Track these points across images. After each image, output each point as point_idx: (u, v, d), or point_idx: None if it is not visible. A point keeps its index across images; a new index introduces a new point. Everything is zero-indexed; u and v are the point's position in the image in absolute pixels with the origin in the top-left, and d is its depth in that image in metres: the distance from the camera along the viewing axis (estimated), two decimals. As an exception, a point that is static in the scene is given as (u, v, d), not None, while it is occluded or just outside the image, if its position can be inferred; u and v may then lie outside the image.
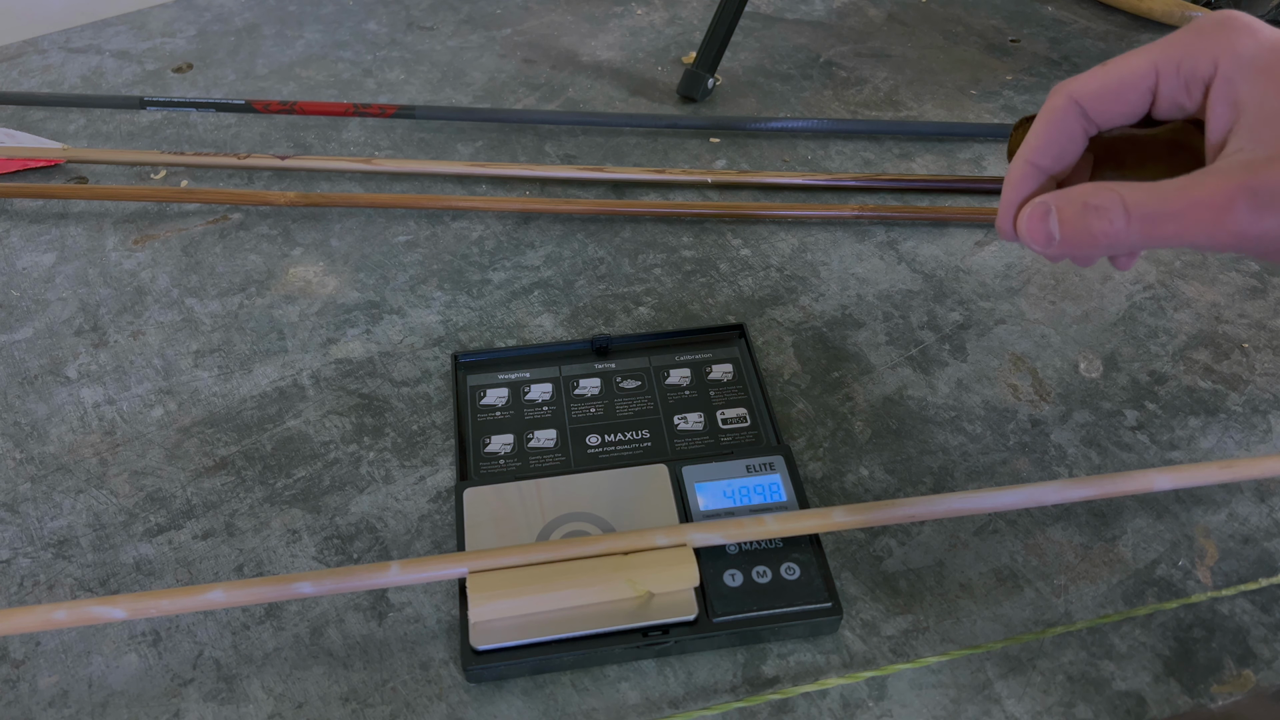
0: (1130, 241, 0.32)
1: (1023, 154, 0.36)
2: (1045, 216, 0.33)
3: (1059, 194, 0.33)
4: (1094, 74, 0.34)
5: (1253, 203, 0.30)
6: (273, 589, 0.33)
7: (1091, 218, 0.32)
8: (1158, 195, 0.32)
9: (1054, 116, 0.35)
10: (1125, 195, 0.32)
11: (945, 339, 0.45)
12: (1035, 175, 0.35)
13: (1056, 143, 0.35)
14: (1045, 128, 0.35)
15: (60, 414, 0.43)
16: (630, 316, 0.47)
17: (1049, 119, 0.35)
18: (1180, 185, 0.31)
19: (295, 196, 0.48)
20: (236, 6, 0.72)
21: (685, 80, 0.61)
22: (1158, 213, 0.32)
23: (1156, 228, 0.32)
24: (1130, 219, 0.32)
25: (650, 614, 0.33)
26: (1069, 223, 0.33)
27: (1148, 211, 0.32)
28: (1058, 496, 0.35)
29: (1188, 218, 0.31)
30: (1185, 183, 0.31)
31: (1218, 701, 0.33)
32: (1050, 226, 0.33)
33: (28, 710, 0.33)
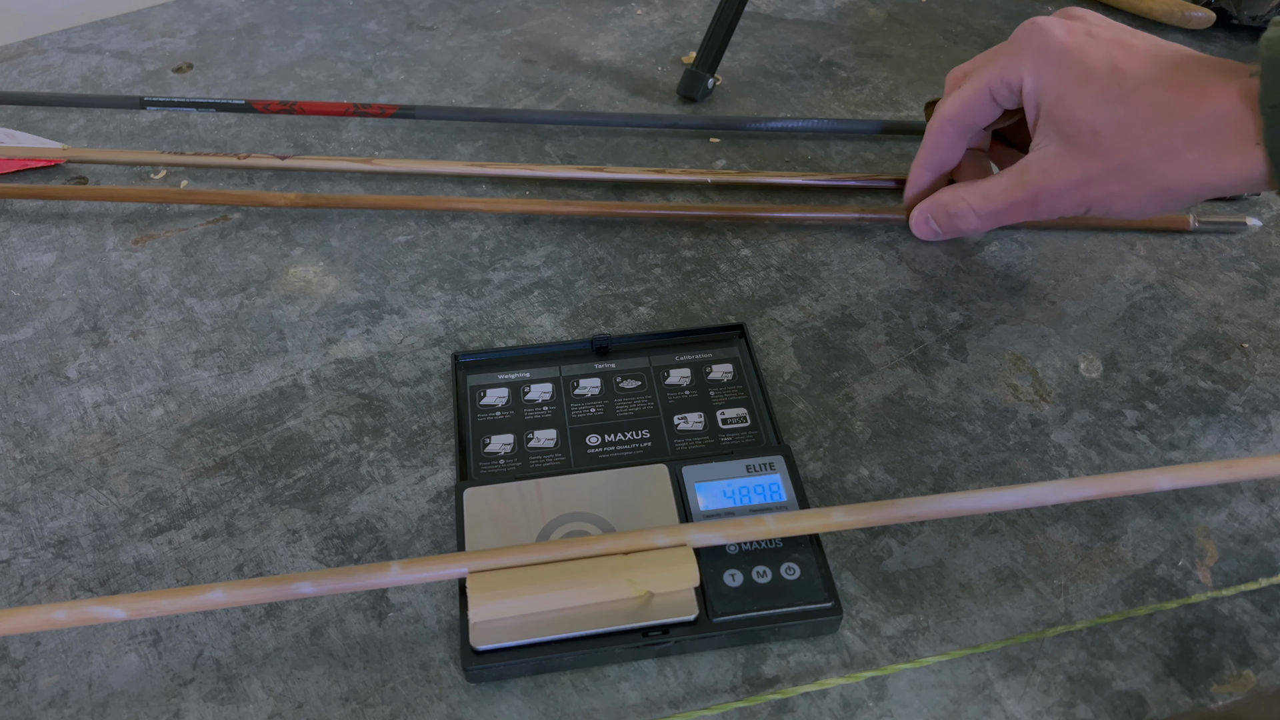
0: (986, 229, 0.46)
1: (917, 161, 0.46)
2: (926, 221, 0.47)
3: (931, 202, 0.46)
4: (954, 99, 0.43)
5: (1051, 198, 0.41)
6: (273, 589, 0.33)
7: (955, 220, 0.45)
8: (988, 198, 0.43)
9: (932, 135, 0.45)
10: (973, 204, 0.44)
11: (945, 339, 0.45)
12: (927, 177, 0.47)
13: (938, 152, 0.45)
14: (927, 142, 0.45)
15: (60, 414, 0.43)
16: (630, 316, 0.47)
17: (930, 135, 0.45)
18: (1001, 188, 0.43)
19: (295, 198, 0.48)
20: (236, 6, 0.72)
21: (685, 80, 0.61)
22: (994, 211, 0.43)
23: (998, 220, 0.44)
24: (980, 218, 0.44)
25: (650, 614, 0.33)
26: (941, 224, 0.46)
27: (989, 210, 0.44)
28: (1058, 496, 0.35)
29: (1015, 212, 0.43)
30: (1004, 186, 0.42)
31: (1218, 701, 0.33)
32: (931, 226, 0.47)
33: (28, 710, 0.33)
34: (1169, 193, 0.39)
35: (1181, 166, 0.37)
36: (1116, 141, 0.38)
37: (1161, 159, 0.37)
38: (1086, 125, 0.38)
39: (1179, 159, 0.37)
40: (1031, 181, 0.41)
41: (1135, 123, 0.37)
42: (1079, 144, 0.39)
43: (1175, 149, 0.37)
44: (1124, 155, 0.38)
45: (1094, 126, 0.38)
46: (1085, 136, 0.39)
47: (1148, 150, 0.37)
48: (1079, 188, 0.40)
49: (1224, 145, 0.36)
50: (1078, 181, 0.40)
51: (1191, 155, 0.37)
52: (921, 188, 0.47)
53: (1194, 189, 0.38)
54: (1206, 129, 0.36)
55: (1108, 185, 0.39)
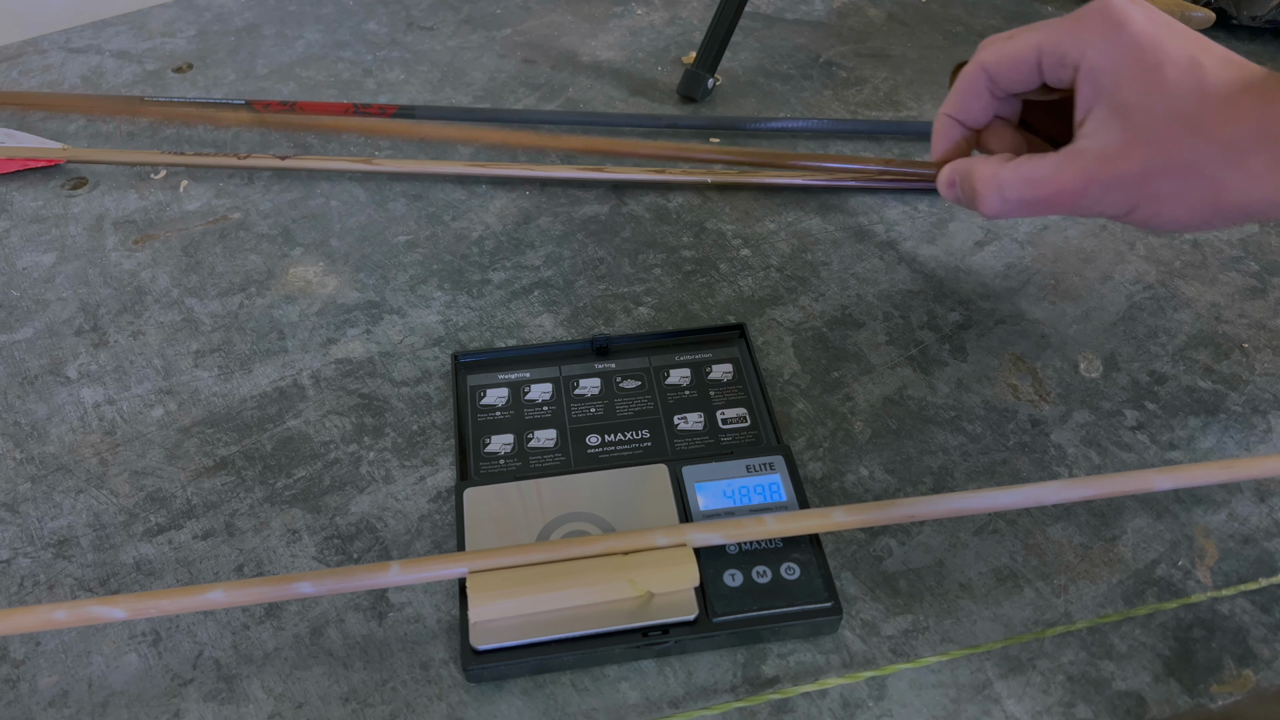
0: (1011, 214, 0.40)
1: (943, 108, 0.43)
2: (953, 183, 0.42)
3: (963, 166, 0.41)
4: (998, 44, 0.40)
5: (1102, 189, 0.37)
6: (273, 589, 0.33)
7: (976, 198, 0.40)
8: (1029, 184, 0.38)
9: (966, 79, 0.41)
10: (1003, 183, 0.39)
11: (945, 339, 0.45)
12: (953, 127, 0.43)
13: (966, 99, 0.41)
14: (959, 88, 0.41)
15: (60, 414, 0.43)
16: (630, 316, 0.47)
17: (963, 80, 0.41)
18: (1048, 173, 0.38)
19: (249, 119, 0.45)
20: (236, 6, 0.72)
21: (685, 80, 0.61)
22: (1028, 199, 0.39)
23: (1028, 209, 0.39)
24: (1005, 203, 0.39)
25: (650, 614, 0.33)
26: (965, 194, 0.41)
27: (1021, 197, 0.39)
28: (1058, 496, 0.35)
29: (1053, 201, 0.38)
30: (1051, 170, 0.38)
31: (1218, 701, 0.33)
32: (956, 191, 0.42)
33: (28, 710, 0.33)
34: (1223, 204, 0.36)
35: (1244, 174, 0.35)
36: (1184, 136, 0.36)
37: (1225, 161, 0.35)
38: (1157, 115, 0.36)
39: (1243, 165, 0.35)
40: (1086, 169, 0.37)
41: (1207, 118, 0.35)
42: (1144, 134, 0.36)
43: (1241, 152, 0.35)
44: (1189, 151, 0.36)
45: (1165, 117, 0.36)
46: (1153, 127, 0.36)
47: (1213, 149, 0.35)
48: (1136, 183, 0.37)
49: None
50: (1136, 175, 0.36)
51: (1256, 162, 0.35)
52: (950, 140, 0.43)
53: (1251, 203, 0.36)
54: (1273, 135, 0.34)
55: (1164, 184, 0.36)
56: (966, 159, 0.42)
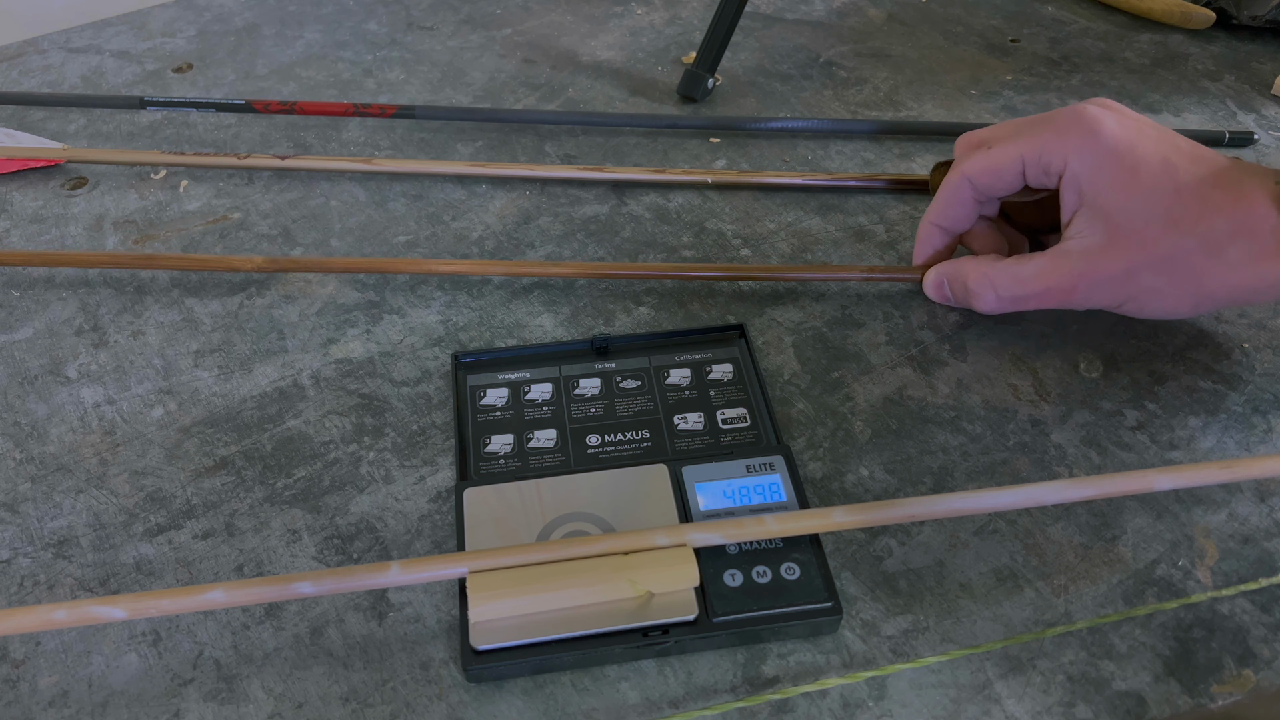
0: (1002, 310, 0.43)
1: (928, 217, 0.44)
2: (941, 285, 0.44)
3: (952, 268, 0.43)
4: (980, 158, 0.42)
5: (1090, 286, 0.40)
6: (273, 589, 0.33)
7: (971, 297, 0.43)
8: (1020, 281, 0.41)
9: (951, 188, 0.43)
10: (996, 282, 0.41)
11: (945, 339, 0.45)
12: (938, 234, 0.45)
13: (952, 208, 0.43)
14: (944, 196, 0.43)
15: (60, 414, 0.43)
16: (630, 316, 0.47)
17: (947, 189, 0.43)
18: (1036, 272, 0.40)
19: (262, 262, 0.48)
20: (236, 6, 0.72)
21: (685, 80, 0.61)
22: (1020, 295, 0.41)
23: (1020, 305, 0.42)
24: (1000, 300, 0.42)
25: (650, 614, 0.33)
26: (957, 295, 0.44)
27: (1014, 294, 0.41)
28: (1058, 496, 0.35)
29: (1044, 298, 0.41)
30: (1040, 270, 0.40)
31: (1218, 701, 0.33)
32: (945, 293, 0.44)
33: (28, 710, 0.33)
34: (1208, 293, 0.39)
35: (1223, 265, 0.37)
36: (1164, 233, 0.38)
37: (1205, 254, 0.38)
38: (1137, 215, 0.38)
39: (1221, 256, 0.37)
40: (1073, 269, 0.40)
41: (1184, 216, 0.37)
42: (1126, 233, 0.39)
43: (1219, 245, 0.37)
44: (1169, 247, 0.38)
45: (1145, 217, 0.38)
46: (1134, 226, 0.38)
47: (1193, 243, 0.38)
48: (1121, 279, 0.39)
49: (1261, 249, 0.37)
50: (1121, 272, 0.39)
51: (1233, 253, 0.37)
52: (934, 247, 0.45)
53: (1231, 291, 0.38)
54: (1246, 229, 0.37)
55: (1150, 278, 0.39)
56: (954, 261, 0.44)
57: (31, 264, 0.49)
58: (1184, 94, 0.61)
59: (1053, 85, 0.62)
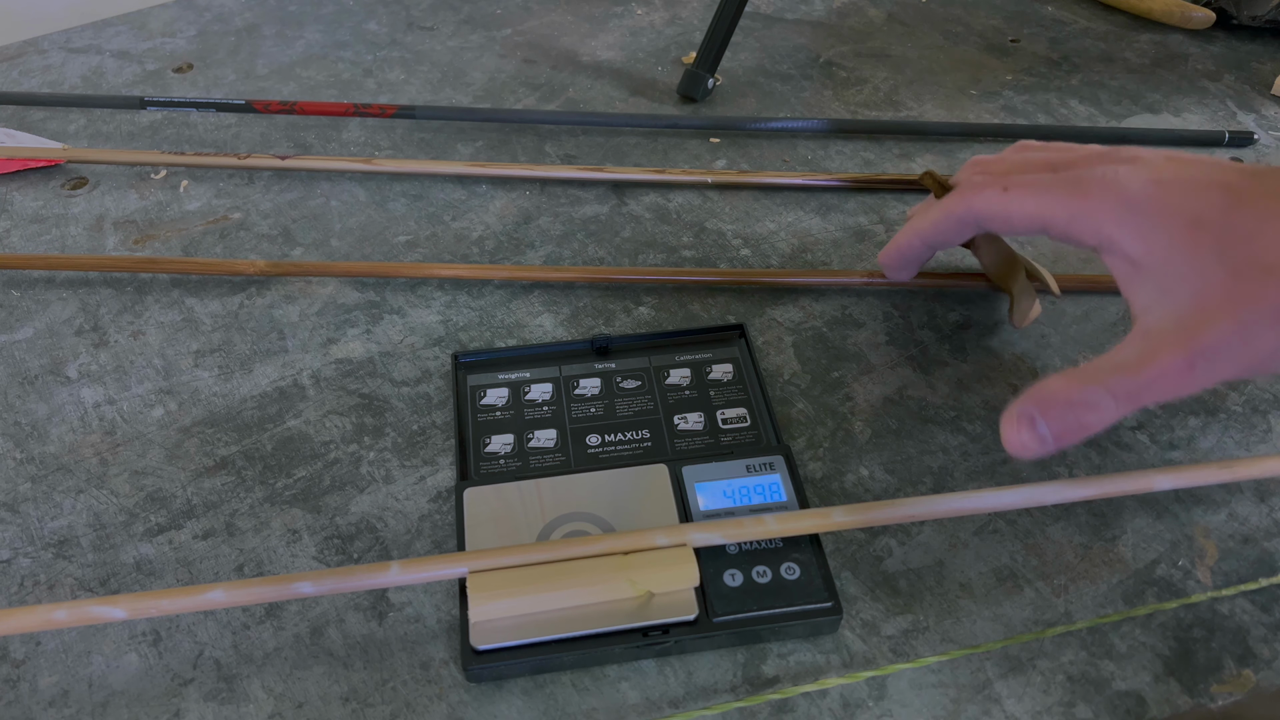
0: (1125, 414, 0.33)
1: (920, 232, 0.41)
2: (1033, 425, 0.33)
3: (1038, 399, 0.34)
4: (995, 200, 0.37)
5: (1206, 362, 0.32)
6: (273, 589, 0.33)
7: (1082, 413, 0.33)
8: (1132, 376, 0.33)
9: (954, 220, 0.39)
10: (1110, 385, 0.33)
11: (945, 339, 0.45)
12: (923, 249, 0.42)
13: (948, 235, 0.40)
14: (944, 223, 0.40)
15: (60, 414, 0.43)
16: (630, 316, 0.47)
17: (950, 218, 0.39)
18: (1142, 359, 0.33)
19: (264, 265, 0.48)
20: (236, 6, 0.72)
21: (685, 80, 0.61)
22: (1137, 390, 0.33)
23: (1137, 401, 0.33)
24: (1118, 404, 0.33)
25: (650, 614, 0.33)
26: (1059, 422, 0.33)
27: (1129, 391, 0.33)
28: (1058, 496, 0.35)
29: (1161, 386, 0.33)
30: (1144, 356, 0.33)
31: (1218, 701, 0.33)
32: (1041, 431, 0.33)
33: (28, 710, 0.33)
34: None
35: None
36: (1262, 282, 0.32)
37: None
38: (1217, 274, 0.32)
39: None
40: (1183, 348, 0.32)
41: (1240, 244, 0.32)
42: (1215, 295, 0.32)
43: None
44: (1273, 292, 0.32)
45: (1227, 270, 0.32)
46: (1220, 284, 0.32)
47: None
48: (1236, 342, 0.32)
49: None
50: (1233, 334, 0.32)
51: None
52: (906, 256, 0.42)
53: None
54: None
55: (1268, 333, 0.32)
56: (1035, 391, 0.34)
57: (33, 267, 0.49)
58: (1184, 94, 0.61)
59: (1053, 85, 0.62)
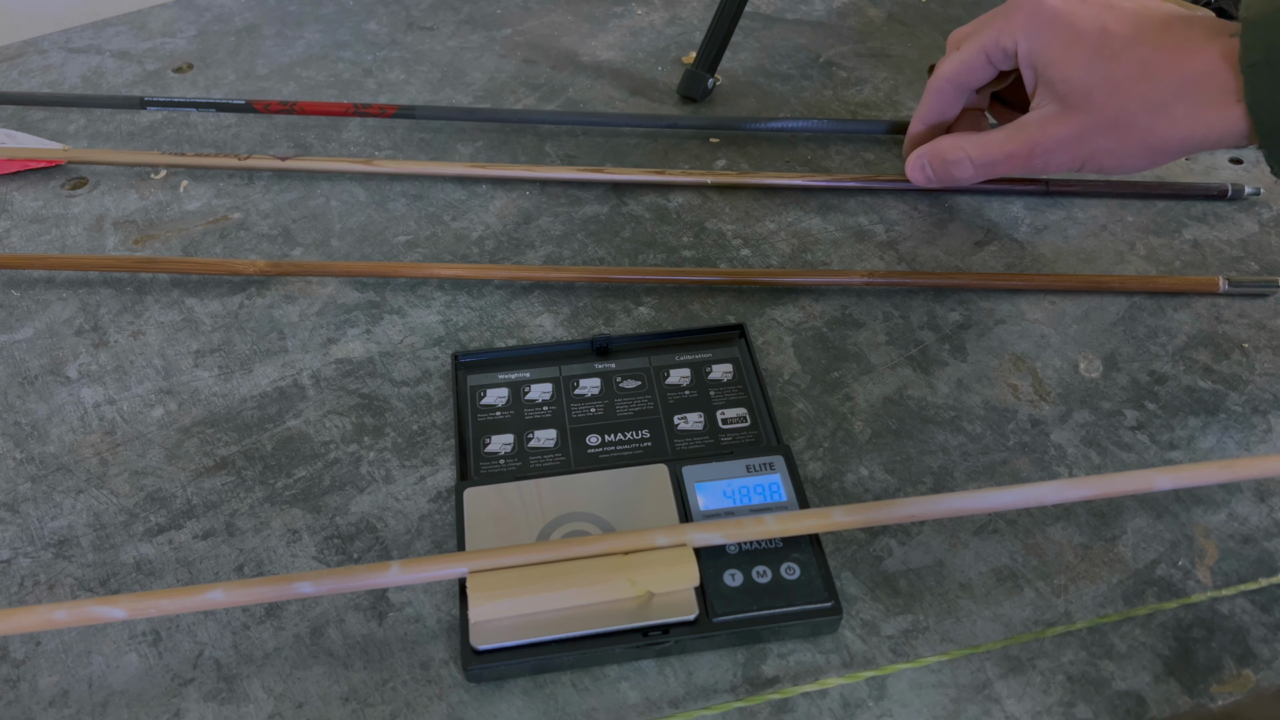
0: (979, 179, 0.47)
1: (917, 117, 0.49)
2: (922, 167, 0.48)
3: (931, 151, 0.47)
4: (952, 59, 0.46)
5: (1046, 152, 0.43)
6: (273, 589, 0.33)
7: (951, 168, 0.47)
8: (986, 148, 0.45)
9: (931, 93, 0.47)
10: (970, 153, 0.45)
11: (945, 339, 0.45)
12: (928, 133, 0.49)
13: (935, 109, 0.48)
14: (927, 99, 0.48)
15: (60, 414, 0.43)
16: (630, 316, 0.47)
17: (929, 93, 0.47)
18: (1002, 139, 0.44)
19: (265, 265, 0.48)
20: (236, 6, 0.72)
21: (685, 80, 0.61)
22: (990, 161, 0.45)
23: (994, 170, 0.46)
24: (975, 167, 0.46)
25: (650, 614, 0.33)
26: (937, 170, 0.47)
27: (985, 159, 0.45)
28: (1058, 496, 0.35)
29: (1011, 163, 0.45)
30: (1005, 136, 0.44)
31: (1218, 701, 0.33)
32: (926, 172, 0.48)
33: (28, 710, 0.33)
34: (1157, 148, 0.41)
35: (1169, 122, 0.40)
36: (1108, 99, 0.40)
37: (1150, 114, 0.40)
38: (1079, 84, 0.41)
39: (1166, 114, 0.39)
40: (1030, 136, 0.43)
41: (1124, 80, 0.40)
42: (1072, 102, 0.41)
43: (1163, 104, 0.39)
44: (1114, 111, 0.40)
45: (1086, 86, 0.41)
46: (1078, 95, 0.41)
47: (1137, 106, 0.40)
48: (1073, 143, 0.42)
49: (1208, 101, 0.38)
50: (1072, 137, 0.42)
51: (1178, 111, 0.39)
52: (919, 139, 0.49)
53: (1181, 144, 0.40)
54: (1191, 86, 0.39)
55: (1100, 141, 0.41)
56: (931, 142, 0.47)
57: (33, 267, 0.49)
58: (1184, 94, 0.61)
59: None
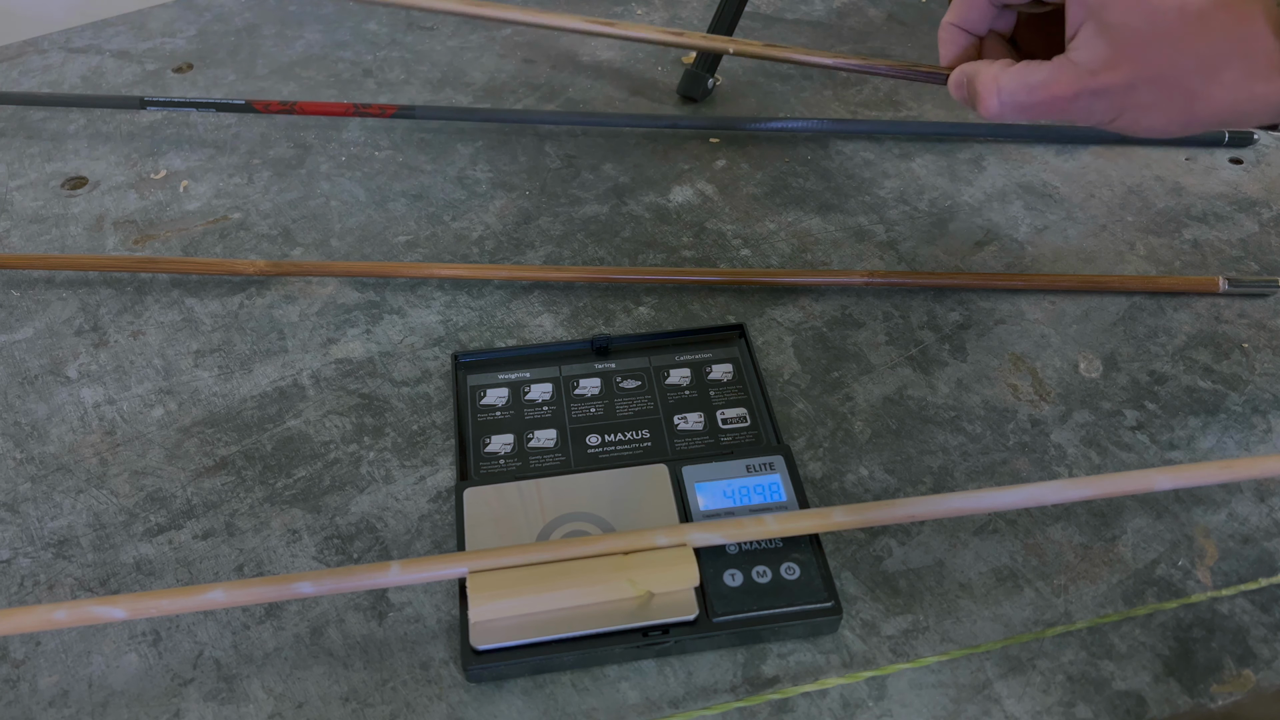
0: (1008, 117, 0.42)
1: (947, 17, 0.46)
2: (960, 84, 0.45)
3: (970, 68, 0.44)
4: None
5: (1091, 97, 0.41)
6: (273, 589, 0.33)
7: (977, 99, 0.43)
8: (1028, 88, 0.42)
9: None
10: (1003, 86, 0.43)
11: (945, 339, 0.45)
12: (958, 34, 0.46)
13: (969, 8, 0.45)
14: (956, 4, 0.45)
15: (60, 414, 0.43)
16: (630, 316, 0.47)
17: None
18: (1043, 79, 0.41)
19: (264, 265, 0.48)
20: (236, 6, 0.72)
21: (685, 80, 0.61)
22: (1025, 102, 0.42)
23: (1023, 112, 0.42)
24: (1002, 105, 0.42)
25: (650, 614, 0.33)
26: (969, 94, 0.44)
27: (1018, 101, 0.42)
28: (1058, 496, 0.35)
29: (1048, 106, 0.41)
30: (1046, 77, 0.41)
31: (1218, 701, 0.33)
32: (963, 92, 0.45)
33: (28, 710, 0.33)
34: (1200, 113, 0.40)
35: (1217, 85, 0.39)
36: (1163, 50, 0.39)
37: (1201, 73, 0.39)
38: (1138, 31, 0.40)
39: (1217, 77, 0.39)
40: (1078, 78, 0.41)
41: (1184, 35, 0.39)
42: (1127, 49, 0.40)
43: (1215, 65, 0.39)
44: (1167, 64, 0.39)
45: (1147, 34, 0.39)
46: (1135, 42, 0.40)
47: (1191, 62, 0.39)
48: (1120, 93, 0.41)
49: (1257, 69, 0.38)
50: (1120, 86, 0.40)
51: (1229, 74, 0.39)
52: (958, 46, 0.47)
53: (1221, 111, 0.40)
54: (1244, 49, 0.38)
55: (1145, 94, 0.40)
56: (974, 62, 0.45)
57: (33, 267, 0.49)
58: (1184, 94, 0.61)
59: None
